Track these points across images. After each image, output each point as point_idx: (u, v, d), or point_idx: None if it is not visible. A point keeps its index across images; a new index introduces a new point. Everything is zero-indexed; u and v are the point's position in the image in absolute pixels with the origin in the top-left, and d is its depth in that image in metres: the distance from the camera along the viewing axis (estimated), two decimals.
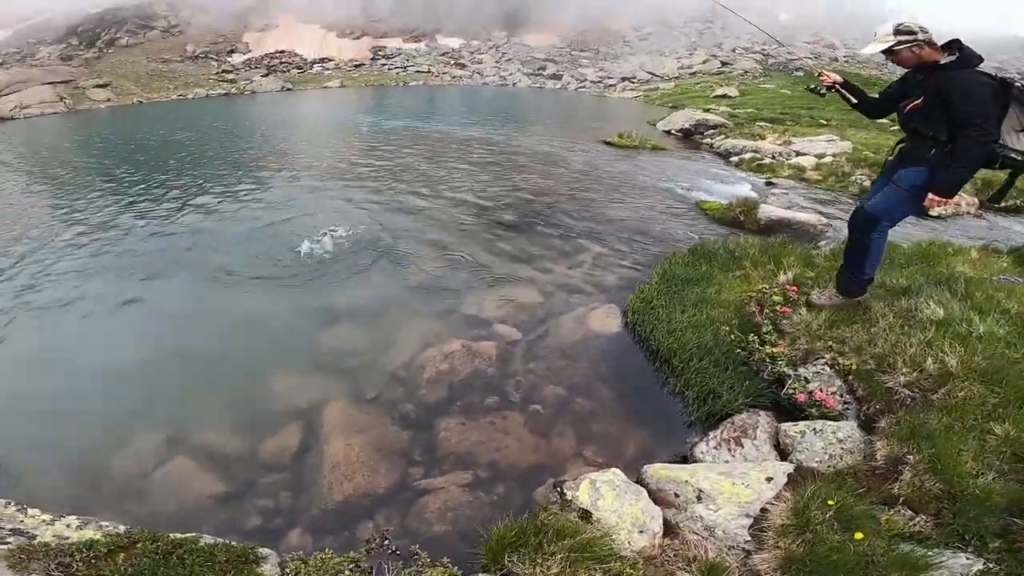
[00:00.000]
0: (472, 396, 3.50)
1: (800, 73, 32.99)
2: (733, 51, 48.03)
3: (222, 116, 21.33)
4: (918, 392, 2.90)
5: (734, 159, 12.74)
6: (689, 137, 16.48)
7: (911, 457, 2.47)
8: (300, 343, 4.08)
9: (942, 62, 3.18)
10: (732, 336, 3.57)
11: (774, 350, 3.33)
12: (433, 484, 2.85)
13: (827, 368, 3.27)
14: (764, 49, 44.83)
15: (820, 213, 7.37)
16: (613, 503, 2.42)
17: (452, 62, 53.31)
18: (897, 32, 3.19)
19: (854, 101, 3.64)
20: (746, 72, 40.25)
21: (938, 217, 8.20)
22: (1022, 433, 2.43)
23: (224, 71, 49.71)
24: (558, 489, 2.58)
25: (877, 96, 3.67)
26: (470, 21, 59.69)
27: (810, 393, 3.09)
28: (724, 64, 43.91)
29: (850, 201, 7.45)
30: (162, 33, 56.83)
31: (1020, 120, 3.14)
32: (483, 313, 4.39)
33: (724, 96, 25.04)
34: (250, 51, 56.43)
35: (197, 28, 58.66)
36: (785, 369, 3.31)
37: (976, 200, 9.89)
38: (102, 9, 57.10)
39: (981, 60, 3.17)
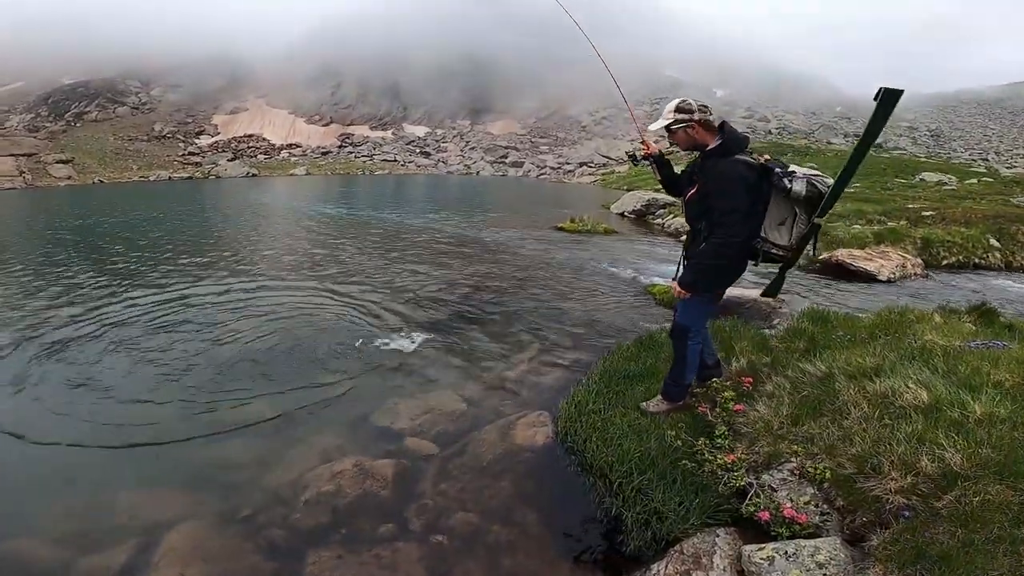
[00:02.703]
0: (360, 523, 2.76)
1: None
2: None
3: (183, 203, 20.86)
4: (916, 499, 2.26)
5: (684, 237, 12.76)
6: (642, 218, 16.72)
7: None
8: (179, 456, 3.49)
9: (711, 146, 2.94)
10: (679, 442, 2.95)
11: (727, 459, 2.71)
12: None
13: (795, 475, 2.66)
14: None
15: None
16: None
17: (418, 150, 54.92)
18: (678, 110, 2.93)
19: (659, 177, 3.39)
20: None
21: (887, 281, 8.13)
22: None
23: (190, 153, 49.83)
24: None
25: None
26: (435, 109, 62.58)
27: (776, 508, 2.46)
28: (673, 143, 46.69)
29: (795, 271, 7.22)
30: (132, 110, 57.39)
31: (780, 213, 2.88)
32: (395, 424, 3.76)
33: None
34: (218, 133, 57.15)
35: (167, 107, 59.46)
36: (747, 478, 2.69)
37: (920, 260, 9.99)
38: (75, 81, 57.57)
39: (743, 146, 2.91)
